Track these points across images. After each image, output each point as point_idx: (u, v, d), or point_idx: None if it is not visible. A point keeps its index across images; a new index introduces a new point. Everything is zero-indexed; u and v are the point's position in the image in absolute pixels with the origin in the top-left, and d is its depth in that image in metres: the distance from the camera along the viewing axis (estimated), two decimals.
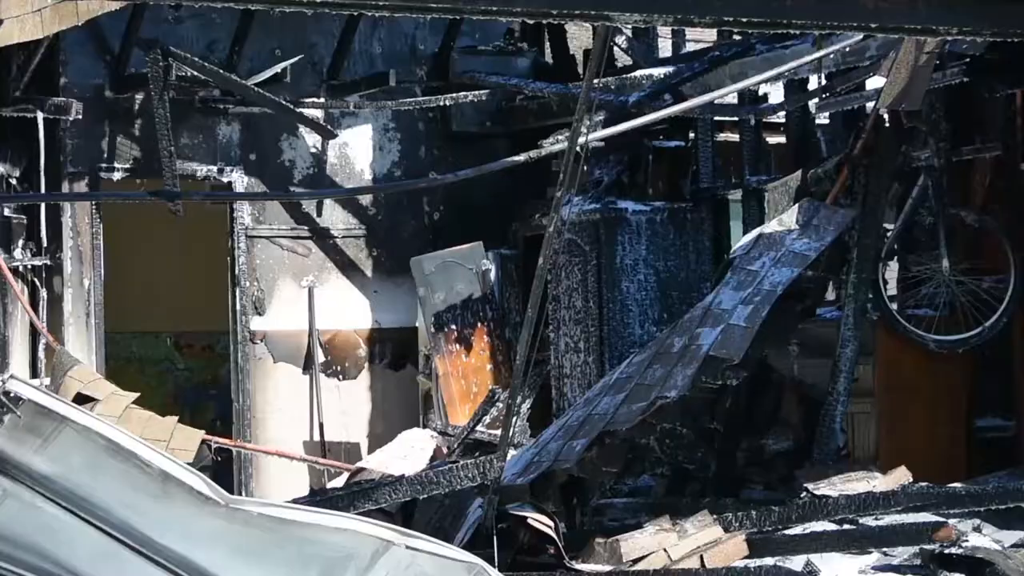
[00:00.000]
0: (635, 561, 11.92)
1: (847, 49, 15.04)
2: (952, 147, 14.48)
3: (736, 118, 17.83)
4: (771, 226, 14.80)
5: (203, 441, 14.36)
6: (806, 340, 14.63)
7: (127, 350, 20.79)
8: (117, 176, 17.71)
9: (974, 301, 14.05)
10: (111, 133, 17.68)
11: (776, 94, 17.73)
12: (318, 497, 14.12)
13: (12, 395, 8.35)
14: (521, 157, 15.97)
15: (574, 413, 14.37)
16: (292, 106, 17.53)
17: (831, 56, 15.27)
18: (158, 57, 15.87)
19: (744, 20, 10.08)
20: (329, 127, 18.20)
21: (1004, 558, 11.00)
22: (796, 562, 11.79)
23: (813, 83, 16.76)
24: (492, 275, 17.99)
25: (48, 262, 17.17)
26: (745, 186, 17.48)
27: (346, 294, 18.71)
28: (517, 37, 19.46)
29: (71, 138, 17.33)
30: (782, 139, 17.86)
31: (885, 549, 11.93)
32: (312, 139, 18.44)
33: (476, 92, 18.52)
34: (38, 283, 17.16)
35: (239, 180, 18.22)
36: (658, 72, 17.72)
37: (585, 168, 16.08)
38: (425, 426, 17.91)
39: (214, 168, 18.15)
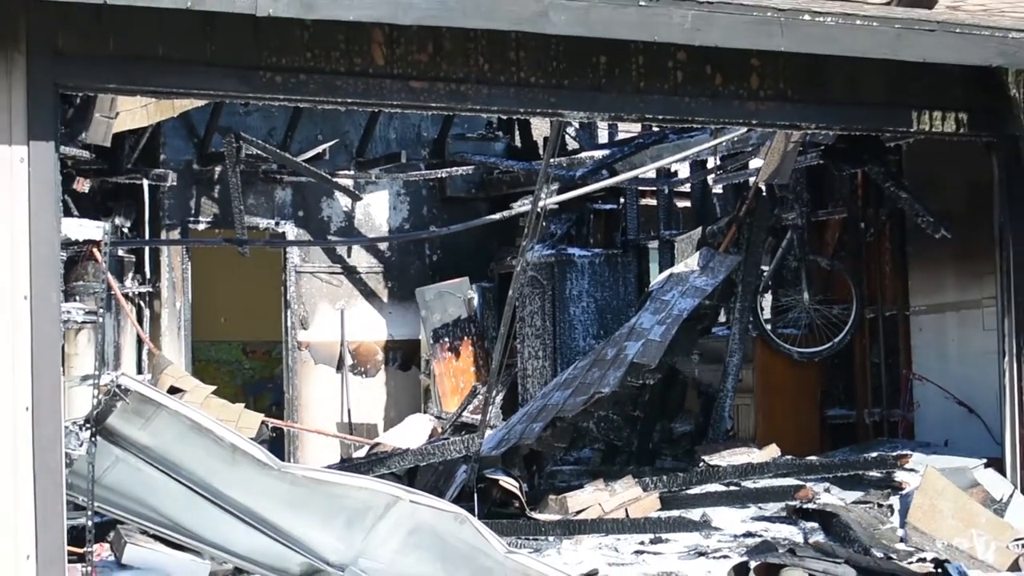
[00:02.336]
0: (578, 512, 11.91)
1: (735, 138, 15.06)
2: (811, 211, 14.52)
3: (654, 188, 17.85)
4: (679, 268, 14.80)
5: (262, 422, 14.31)
6: (704, 351, 14.61)
7: (207, 354, 20.70)
8: (201, 227, 17.68)
9: (826, 323, 14.07)
10: (197, 195, 17.65)
11: (683, 171, 17.75)
12: (346, 464, 14.10)
13: (123, 387, 8.34)
14: (497, 216, 15.99)
15: (534, 403, 14.34)
16: (329, 176, 17.52)
17: (723, 143, 15.29)
18: (232, 140, 15.85)
19: (660, 117, 10.11)
20: (356, 192, 18.19)
21: (846, 511, 11.01)
22: (695, 513, 11.78)
23: (711, 163, 16.79)
24: (475, 302, 17.97)
25: (150, 289, 17.12)
26: (660, 238, 17.48)
27: (368, 314, 18.67)
28: (495, 127, 19.46)
29: (168, 199, 17.30)
30: (688, 203, 17.87)
31: (760, 504, 11.93)
32: (344, 201, 18.42)
33: (464, 167, 18.51)
34: (143, 305, 17.11)
35: (290, 230, 18.19)
36: (598, 154, 17.73)
37: (544, 224, 16.12)
38: (425, 412, 17.86)
39: (272, 221, 18.11)
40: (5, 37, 7.71)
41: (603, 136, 19.62)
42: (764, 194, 14.32)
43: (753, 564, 9.29)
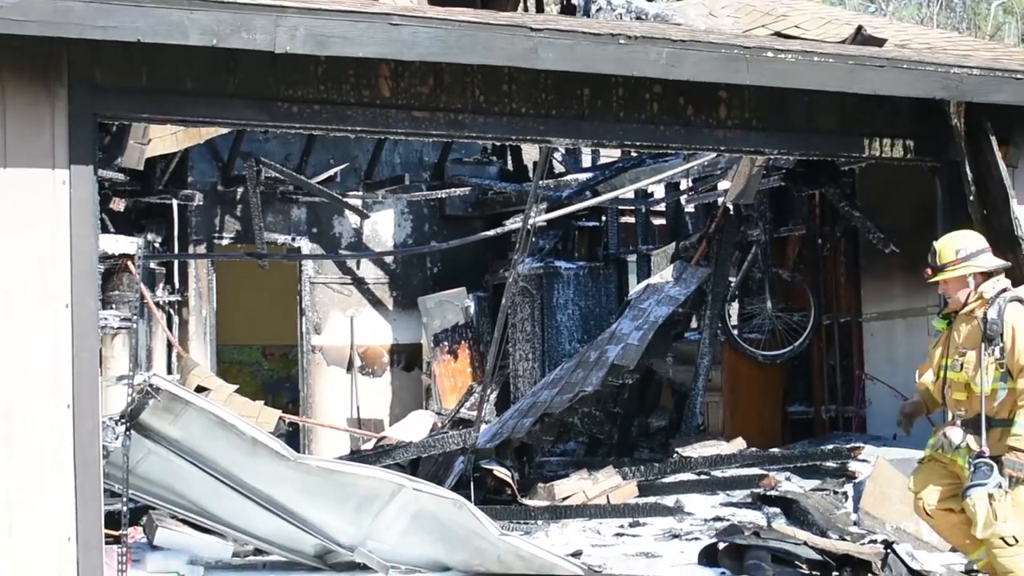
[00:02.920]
0: (564, 499, 11.91)
1: (705, 163, 15.09)
2: (774, 228, 14.55)
3: (633, 207, 17.88)
4: (655, 279, 14.82)
5: (280, 417, 14.28)
6: (677, 353, 14.64)
7: (230, 356, 20.68)
8: (225, 242, 17.67)
9: (787, 329, 14.10)
10: (221, 214, 17.64)
11: (659, 192, 17.76)
12: (355, 455, 14.09)
13: (155, 387, 8.36)
14: (491, 232, 16.01)
15: (524, 401, 14.36)
16: (340, 197, 17.52)
17: (695, 167, 15.31)
18: (253, 164, 15.84)
19: (638, 143, 10.14)
20: (365, 211, 18.19)
21: (805, 498, 11.03)
22: (669, 500, 11.80)
23: (684, 184, 16.81)
24: (472, 310, 17.98)
25: (179, 298, 17.11)
26: (638, 252, 17.50)
27: (375, 321, 18.66)
28: (489, 152, 19.48)
29: (195, 217, 17.29)
30: (663, 221, 17.89)
31: (728, 492, 11.94)
32: (353, 219, 18.42)
33: (462, 188, 18.53)
34: (172, 312, 17.10)
35: (305, 245, 18.18)
36: (582, 176, 17.74)
37: (533, 239, 16.13)
38: (426, 408, 17.86)
39: (289, 237, 18.11)
40: (49, 72, 7.74)
41: (587, 160, 19.63)
42: (731, 213, 14.35)
43: (721, 545, 9.32)
